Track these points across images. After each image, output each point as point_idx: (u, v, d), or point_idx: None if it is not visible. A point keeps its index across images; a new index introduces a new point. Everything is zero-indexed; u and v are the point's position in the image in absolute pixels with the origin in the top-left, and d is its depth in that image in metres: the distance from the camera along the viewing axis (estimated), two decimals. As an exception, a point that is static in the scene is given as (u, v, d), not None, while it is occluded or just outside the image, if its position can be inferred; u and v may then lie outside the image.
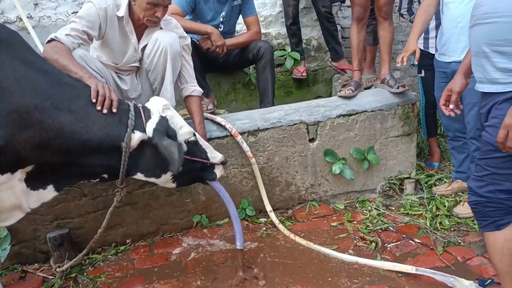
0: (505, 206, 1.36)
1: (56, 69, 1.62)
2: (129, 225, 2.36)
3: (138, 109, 1.72)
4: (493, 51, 1.38)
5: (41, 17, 3.24)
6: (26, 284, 2.07)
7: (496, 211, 1.37)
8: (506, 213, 1.37)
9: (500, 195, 1.36)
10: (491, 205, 1.37)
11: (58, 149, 1.50)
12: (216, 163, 1.94)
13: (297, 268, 2.06)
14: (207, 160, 1.91)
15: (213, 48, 2.82)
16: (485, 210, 1.39)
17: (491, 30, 1.37)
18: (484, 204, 1.39)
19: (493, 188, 1.37)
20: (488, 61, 1.41)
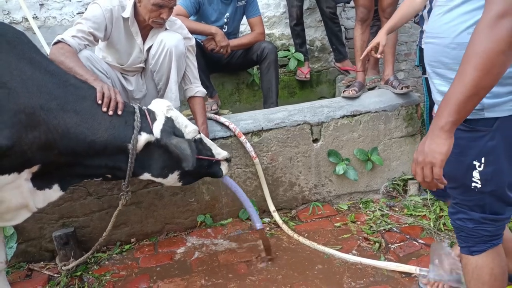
0: (478, 234, 1.33)
1: (62, 70, 1.63)
2: (133, 224, 2.38)
3: (143, 111, 1.74)
4: (433, 72, 1.33)
5: (46, 17, 3.27)
6: (32, 282, 2.10)
7: (469, 238, 1.35)
8: (478, 241, 1.34)
9: (469, 224, 1.33)
10: (465, 231, 1.36)
11: (64, 150, 1.51)
12: (221, 159, 1.96)
13: (301, 268, 2.06)
14: (212, 157, 1.92)
15: (217, 48, 2.83)
16: (460, 234, 1.39)
17: (430, 50, 1.31)
18: (459, 229, 1.38)
19: (462, 217, 1.35)
20: (431, 82, 1.35)
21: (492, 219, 1.31)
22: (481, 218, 1.31)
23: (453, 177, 1.29)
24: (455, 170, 1.28)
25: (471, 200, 1.31)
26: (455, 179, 1.30)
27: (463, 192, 1.31)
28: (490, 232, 1.33)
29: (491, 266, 1.34)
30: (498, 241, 1.35)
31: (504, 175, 1.26)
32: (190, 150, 1.64)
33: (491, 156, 1.23)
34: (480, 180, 1.25)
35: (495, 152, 1.22)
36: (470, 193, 1.29)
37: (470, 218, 1.33)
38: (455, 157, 1.22)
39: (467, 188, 1.29)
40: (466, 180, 1.28)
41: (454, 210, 1.38)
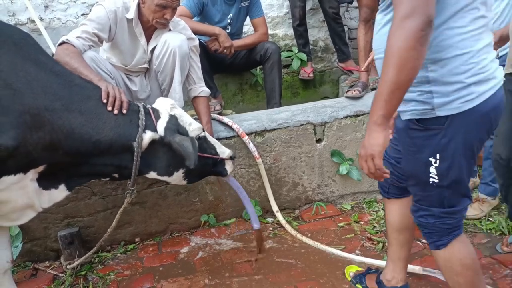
0: (439, 228, 1.39)
1: (67, 71, 1.64)
2: (138, 224, 2.39)
3: (148, 110, 1.75)
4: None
5: (51, 19, 3.30)
6: (37, 281, 2.11)
7: (432, 233, 1.41)
8: (442, 235, 1.39)
9: (430, 220, 1.39)
10: (428, 228, 1.42)
11: (69, 150, 1.52)
12: (226, 158, 1.97)
13: (304, 268, 2.07)
14: (216, 155, 1.93)
15: (221, 49, 2.84)
16: (424, 232, 1.44)
17: (379, 66, 1.35)
18: (422, 227, 1.43)
19: (423, 213, 1.41)
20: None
21: (451, 212, 1.37)
22: (441, 212, 1.38)
23: (413, 174, 1.38)
24: (413, 167, 1.37)
25: (431, 195, 1.37)
26: (414, 176, 1.38)
27: (423, 188, 1.37)
28: (450, 225, 1.39)
29: (459, 257, 1.40)
30: (459, 231, 1.41)
31: (459, 169, 1.32)
32: (193, 148, 1.65)
33: (444, 153, 1.28)
34: (437, 176, 1.32)
35: (449, 148, 1.27)
36: (429, 188, 1.35)
37: (431, 214, 1.39)
38: (413, 155, 1.35)
39: (426, 184, 1.35)
40: (424, 176, 1.34)
41: (415, 208, 1.44)
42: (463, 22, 1.17)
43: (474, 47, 1.19)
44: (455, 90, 1.21)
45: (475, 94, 1.21)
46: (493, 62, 1.25)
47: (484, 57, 1.21)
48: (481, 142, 1.34)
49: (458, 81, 1.20)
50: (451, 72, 1.20)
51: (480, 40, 1.20)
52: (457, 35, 1.17)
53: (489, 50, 1.24)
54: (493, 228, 2.27)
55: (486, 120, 1.26)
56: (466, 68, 1.19)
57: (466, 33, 1.18)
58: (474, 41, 1.18)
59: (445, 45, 1.18)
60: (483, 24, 1.20)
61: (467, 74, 1.20)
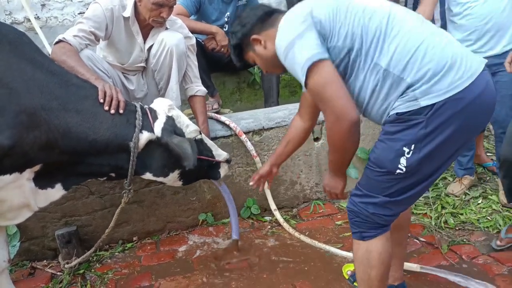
0: (372, 220, 1.41)
1: (63, 70, 1.64)
2: (135, 223, 2.39)
3: (145, 110, 1.75)
4: None
5: (48, 17, 3.29)
6: (35, 280, 2.11)
7: (363, 223, 1.43)
8: (371, 227, 1.42)
9: (370, 209, 1.40)
10: (360, 217, 1.43)
11: (65, 149, 1.52)
12: (221, 161, 1.97)
13: (302, 266, 2.07)
14: (212, 158, 1.93)
15: (218, 48, 2.84)
16: (355, 219, 1.45)
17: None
18: (355, 214, 1.44)
19: (366, 200, 1.41)
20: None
21: (395, 204, 1.39)
22: (385, 202, 1.38)
23: (381, 161, 1.36)
24: (384, 154, 1.35)
25: (386, 182, 1.37)
26: (381, 164, 1.36)
27: (383, 175, 1.36)
28: (384, 221, 1.41)
29: (380, 251, 1.43)
30: (388, 228, 1.45)
31: (430, 165, 1.33)
32: (191, 150, 1.65)
33: (420, 144, 1.29)
34: (405, 167, 1.32)
35: (425, 140, 1.28)
36: (390, 177, 1.35)
37: (374, 202, 1.39)
38: (386, 143, 1.35)
39: (389, 173, 1.35)
40: (391, 165, 1.33)
41: (360, 193, 1.43)
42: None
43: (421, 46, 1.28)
44: (433, 82, 1.25)
45: (450, 83, 1.25)
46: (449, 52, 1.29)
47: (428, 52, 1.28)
48: (464, 137, 1.35)
49: (429, 70, 1.26)
50: (421, 69, 1.26)
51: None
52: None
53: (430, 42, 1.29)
54: (490, 226, 2.28)
55: (469, 112, 1.27)
56: (429, 60, 1.26)
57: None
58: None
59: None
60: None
61: (433, 64, 1.26)
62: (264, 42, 1.46)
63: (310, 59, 1.28)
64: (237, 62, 1.63)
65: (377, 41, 1.30)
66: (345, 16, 1.33)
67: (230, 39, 1.56)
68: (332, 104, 1.29)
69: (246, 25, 1.48)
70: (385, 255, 1.44)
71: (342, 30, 1.32)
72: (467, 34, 2.35)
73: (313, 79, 1.30)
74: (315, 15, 1.33)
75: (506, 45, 2.28)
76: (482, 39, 2.33)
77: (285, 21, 1.38)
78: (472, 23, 2.33)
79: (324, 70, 1.29)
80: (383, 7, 1.35)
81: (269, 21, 1.47)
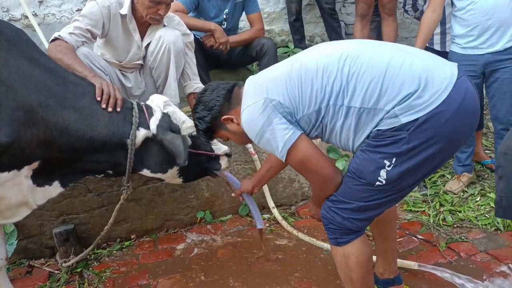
0: (344, 227, 1.41)
1: (61, 68, 1.63)
2: (133, 221, 2.39)
3: (141, 107, 1.74)
4: None
5: (45, 14, 3.27)
6: (32, 278, 2.11)
7: (336, 230, 1.43)
8: (344, 233, 1.42)
9: (344, 214, 1.39)
10: (334, 223, 1.42)
11: (63, 146, 1.52)
12: (221, 154, 1.95)
13: (300, 265, 2.07)
14: (212, 152, 1.92)
15: (217, 45, 2.83)
16: (328, 226, 1.45)
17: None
18: (329, 221, 1.44)
19: (341, 206, 1.39)
20: None
21: (368, 208, 1.38)
22: (360, 207, 1.37)
23: (360, 172, 1.34)
24: (364, 166, 1.33)
25: (364, 192, 1.36)
26: (361, 174, 1.34)
27: (362, 185, 1.35)
28: (357, 227, 1.41)
29: (357, 255, 1.43)
30: (361, 233, 1.45)
31: (409, 179, 1.32)
32: (183, 146, 1.64)
33: (402, 158, 1.27)
34: (385, 180, 1.31)
35: (408, 154, 1.27)
36: (369, 187, 1.34)
37: (349, 208, 1.38)
38: (368, 155, 1.32)
39: (368, 184, 1.34)
40: (370, 177, 1.32)
41: (335, 199, 1.42)
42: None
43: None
44: (411, 99, 1.24)
45: (430, 97, 1.23)
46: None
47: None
48: (452, 148, 1.34)
49: (406, 94, 1.24)
50: (396, 95, 1.25)
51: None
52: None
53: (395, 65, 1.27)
54: (488, 224, 2.28)
55: (454, 123, 1.25)
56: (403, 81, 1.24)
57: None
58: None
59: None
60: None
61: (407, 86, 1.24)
62: (236, 119, 1.46)
63: (287, 144, 1.32)
64: (208, 141, 1.70)
65: (342, 88, 1.28)
66: (300, 84, 1.32)
67: (198, 124, 1.53)
68: (317, 175, 1.38)
69: (213, 108, 1.47)
70: (362, 258, 1.44)
71: (304, 99, 1.32)
72: (469, 30, 2.34)
73: (293, 157, 1.34)
74: (272, 98, 1.33)
75: (508, 41, 2.27)
76: (484, 35, 2.31)
77: (247, 108, 1.38)
78: (474, 18, 2.31)
79: (301, 146, 1.33)
80: (333, 52, 1.34)
81: (234, 98, 1.48)
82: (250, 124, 1.38)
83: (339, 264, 1.48)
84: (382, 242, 1.75)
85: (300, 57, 1.42)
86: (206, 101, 1.49)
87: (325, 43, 1.51)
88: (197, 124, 1.54)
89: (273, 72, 1.45)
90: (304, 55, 1.42)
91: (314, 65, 1.33)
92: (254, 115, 1.36)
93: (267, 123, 1.33)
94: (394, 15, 3.22)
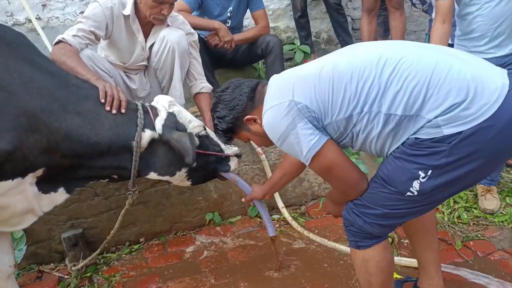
0: (366, 231, 1.34)
1: (63, 71, 1.60)
2: (142, 224, 2.36)
3: (146, 108, 1.71)
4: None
5: (49, 18, 3.26)
6: (42, 283, 2.10)
7: (357, 233, 1.37)
8: (365, 237, 1.36)
9: (367, 218, 1.32)
10: (355, 226, 1.36)
11: (67, 152, 1.49)
12: (231, 155, 1.89)
13: (311, 266, 2.03)
14: (221, 152, 1.86)
15: (221, 44, 2.79)
16: (349, 228, 1.39)
17: None
18: (350, 223, 1.38)
19: (365, 211, 1.32)
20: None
21: (394, 215, 1.31)
22: (384, 214, 1.30)
23: (391, 180, 1.26)
24: (396, 175, 1.24)
25: (392, 200, 1.27)
26: (391, 183, 1.26)
27: (391, 193, 1.27)
28: (380, 233, 1.35)
29: (377, 260, 1.37)
30: (383, 238, 1.39)
31: (442, 193, 1.25)
32: (191, 144, 1.59)
33: (438, 171, 1.18)
34: (417, 191, 1.22)
35: (445, 168, 1.17)
36: (398, 197, 1.26)
37: (371, 213, 1.31)
38: (401, 163, 1.22)
39: (399, 193, 1.25)
40: (402, 187, 1.24)
41: (359, 202, 1.35)
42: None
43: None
44: (457, 110, 1.14)
45: (478, 109, 1.12)
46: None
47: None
48: (494, 165, 1.25)
49: (452, 104, 1.14)
50: (441, 104, 1.15)
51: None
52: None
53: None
54: (505, 220, 2.21)
55: (501, 139, 1.14)
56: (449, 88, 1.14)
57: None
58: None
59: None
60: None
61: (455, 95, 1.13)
62: (259, 120, 1.39)
63: (311, 150, 1.25)
64: (227, 142, 1.62)
65: (379, 95, 1.18)
66: (331, 89, 1.23)
67: (218, 124, 1.46)
68: (342, 181, 1.32)
69: (235, 107, 1.40)
70: (383, 263, 1.38)
71: (335, 104, 1.23)
72: (476, 36, 2.25)
73: (318, 163, 1.28)
74: (298, 101, 1.25)
75: None
76: (492, 41, 2.17)
77: (270, 109, 1.30)
78: (482, 24, 2.22)
79: (327, 153, 1.26)
80: (370, 55, 1.23)
81: (257, 97, 1.40)
82: (272, 126, 1.31)
83: (358, 268, 1.42)
84: (422, 253, 1.62)
85: (332, 58, 1.32)
86: (228, 99, 1.42)
87: (361, 43, 1.40)
88: (216, 124, 1.47)
89: (300, 72, 1.34)
90: (336, 57, 1.32)
91: (348, 68, 1.23)
92: (277, 117, 1.27)
93: (291, 127, 1.25)
94: (402, 8, 3.16)
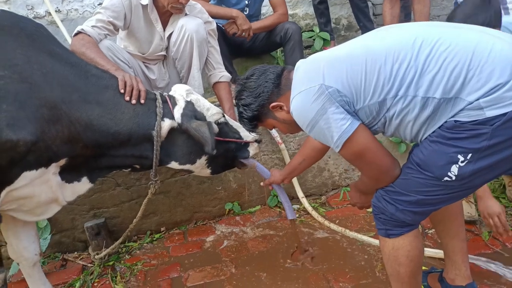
0: (397, 219, 1.30)
1: (83, 62, 1.61)
2: (163, 214, 2.38)
3: (165, 97, 1.70)
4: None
5: (68, 10, 3.29)
6: (67, 272, 2.15)
7: (388, 221, 1.32)
8: (396, 225, 1.32)
9: (398, 205, 1.28)
10: (386, 214, 1.32)
11: (88, 142, 1.50)
12: (250, 141, 1.87)
13: (334, 256, 2.00)
14: (240, 139, 1.84)
15: (239, 32, 2.75)
16: (379, 216, 1.35)
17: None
18: (380, 210, 1.34)
19: (398, 198, 1.28)
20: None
21: (428, 202, 1.26)
22: (417, 200, 1.25)
23: (427, 166, 1.21)
24: (433, 159, 1.19)
25: (428, 186, 1.23)
26: (428, 168, 1.21)
27: (426, 179, 1.22)
28: (412, 221, 1.31)
29: (408, 249, 1.34)
30: (415, 227, 1.35)
31: (482, 178, 1.20)
32: (209, 133, 1.58)
33: (479, 155, 1.13)
34: (455, 176, 1.17)
35: (486, 151, 1.12)
36: (434, 182, 1.21)
37: (404, 200, 1.27)
38: (439, 146, 1.17)
39: (435, 178, 1.20)
40: (440, 171, 1.19)
41: (391, 189, 1.30)
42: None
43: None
44: (501, 91, 1.08)
45: None
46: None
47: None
48: None
49: (495, 84, 1.08)
50: (483, 85, 1.09)
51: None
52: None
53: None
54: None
55: None
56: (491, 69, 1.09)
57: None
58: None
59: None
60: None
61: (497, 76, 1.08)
62: (286, 107, 1.36)
63: (343, 136, 1.21)
64: (253, 130, 1.56)
65: (415, 78, 1.14)
66: (363, 72, 1.19)
67: (243, 112, 1.43)
68: (374, 167, 1.28)
69: (261, 94, 1.37)
70: (414, 252, 1.34)
71: (368, 88, 1.19)
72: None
73: (349, 149, 1.24)
74: (329, 84, 1.20)
75: None
76: None
77: (299, 94, 1.25)
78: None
79: (359, 138, 1.22)
80: (405, 36, 1.18)
81: (283, 83, 1.37)
82: (301, 111, 1.26)
83: (387, 257, 1.38)
84: (449, 242, 1.57)
85: (364, 40, 1.28)
86: (253, 87, 1.39)
87: (395, 25, 1.34)
88: (241, 111, 1.45)
89: (329, 56, 1.29)
90: (369, 38, 1.28)
91: (382, 50, 1.18)
92: (306, 102, 1.23)
93: (322, 112, 1.20)
94: (426, -9, 3.04)
